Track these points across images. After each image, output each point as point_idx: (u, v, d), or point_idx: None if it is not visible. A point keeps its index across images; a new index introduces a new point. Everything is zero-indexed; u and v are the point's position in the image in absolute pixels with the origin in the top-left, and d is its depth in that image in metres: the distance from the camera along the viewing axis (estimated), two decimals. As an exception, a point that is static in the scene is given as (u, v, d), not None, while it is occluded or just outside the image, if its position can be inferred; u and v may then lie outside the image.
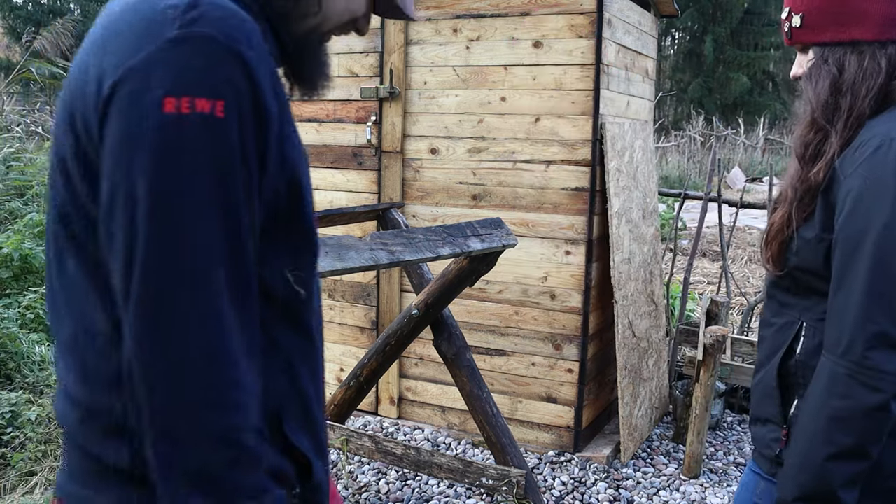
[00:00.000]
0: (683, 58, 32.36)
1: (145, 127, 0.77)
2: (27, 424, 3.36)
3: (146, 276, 0.78)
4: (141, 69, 0.78)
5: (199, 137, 0.78)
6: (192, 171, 0.78)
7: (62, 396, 0.95)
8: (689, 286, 4.01)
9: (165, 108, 0.77)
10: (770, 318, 1.44)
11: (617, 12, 3.17)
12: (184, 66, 0.78)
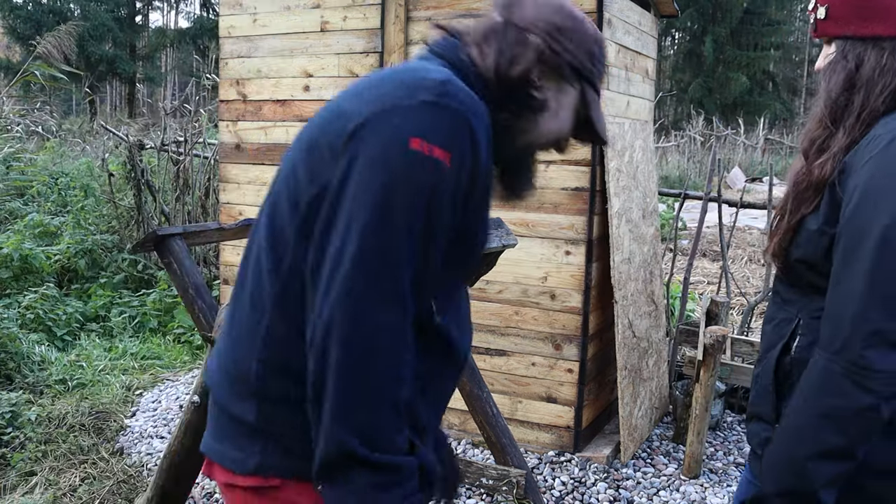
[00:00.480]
0: (683, 58, 32.35)
1: (391, 153, 1.03)
2: (27, 424, 3.36)
3: (354, 266, 1.02)
4: (396, 114, 1.05)
5: (430, 175, 1.03)
6: (415, 198, 1.03)
7: (216, 366, 1.23)
8: (689, 286, 4.01)
9: (412, 144, 1.02)
10: (772, 314, 1.42)
11: (617, 12, 3.17)
12: (431, 121, 1.04)
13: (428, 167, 1.02)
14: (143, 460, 3.26)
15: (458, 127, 1.05)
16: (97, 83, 24.26)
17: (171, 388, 4.02)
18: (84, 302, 5.26)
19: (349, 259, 1.02)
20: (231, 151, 3.83)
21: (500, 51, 1.18)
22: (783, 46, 33.10)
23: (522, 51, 1.18)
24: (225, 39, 3.78)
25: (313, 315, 1.06)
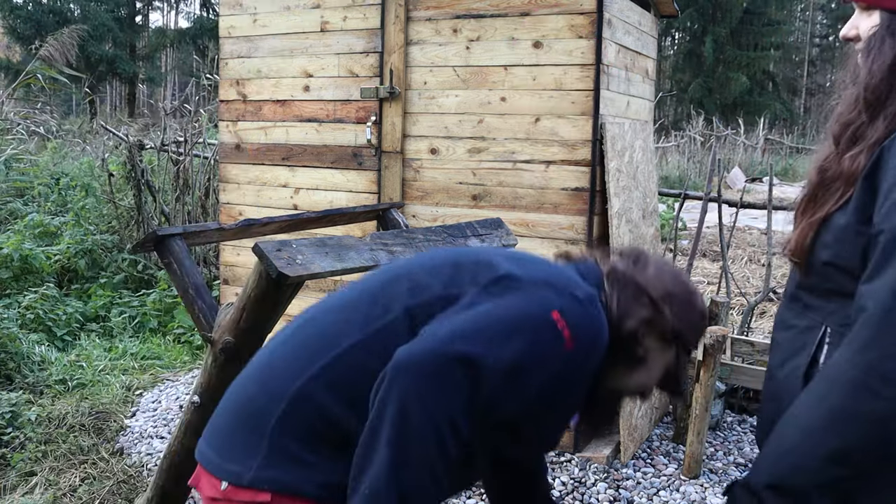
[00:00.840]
0: (683, 58, 32.35)
1: (532, 317, 1.24)
2: (27, 424, 3.36)
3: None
4: (549, 289, 1.27)
5: (552, 343, 1.22)
6: (546, 365, 1.23)
7: (260, 379, 1.36)
8: (689, 286, 4.01)
9: (554, 314, 1.23)
10: (790, 320, 1.29)
11: (617, 12, 3.17)
12: (574, 310, 1.24)
13: (558, 342, 1.21)
14: (143, 460, 3.26)
15: (590, 328, 1.24)
16: (97, 83, 24.26)
17: (171, 389, 4.02)
18: (84, 302, 5.26)
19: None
20: (231, 151, 3.83)
21: (619, 301, 1.32)
22: (783, 46, 33.10)
23: (636, 309, 1.32)
24: (225, 39, 3.78)
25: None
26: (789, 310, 1.32)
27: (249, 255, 3.83)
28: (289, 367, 1.29)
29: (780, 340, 1.32)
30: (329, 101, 3.55)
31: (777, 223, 4.32)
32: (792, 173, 19.87)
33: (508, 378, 1.19)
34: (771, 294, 6.04)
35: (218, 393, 2.02)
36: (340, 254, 1.81)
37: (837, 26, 40.58)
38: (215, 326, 2.02)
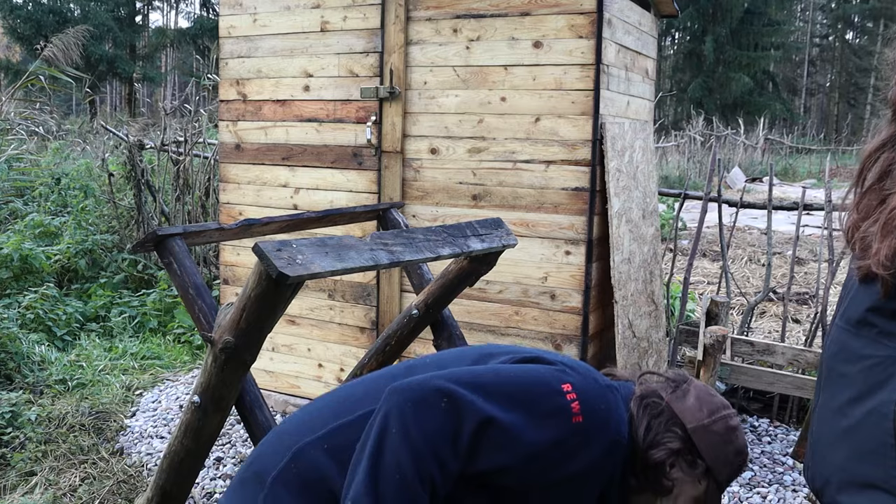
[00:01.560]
0: (683, 58, 32.34)
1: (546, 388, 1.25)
2: (27, 424, 3.36)
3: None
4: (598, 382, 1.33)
5: (563, 416, 1.22)
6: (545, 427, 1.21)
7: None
8: (689, 286, 4.01)
9: (565, 386, 1.23)
10: (860, 350, 1.10)
11: (617, 12, 3.17)
12: (597, 394, 1.26)
13: (560, 404, 1.20)
14: (143, 460, 3.26)
15: (604, 413, 1.23)
16: (97, 83, 24.26)
17: (171, 389, 4.02)
18: (84, 302, 5.26)
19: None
20: (231, 151, 3.83)
21: (648, 427, 1.28)
22: (783, 46, 33.09)
23: (668, 439, 1.28)
24: (225, 39, 3.78)
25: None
26: (858, 337, 1.11)
27: (249, 255, 3.83)
28: (304, 424, 1.35)
29: (846, 373, 1.12)
30: (329, 100, 3.55)
31: (777, 223, 4.31)
32: (792, 173, 19.87)
33: (497, 428, 1.18)
34: (771, 294, 6.03)
35: (218, 393, 2.02)
36: (340, 254, 1.81)
37: (838, 26, 40.58)
38: (215, 326, 2.02)
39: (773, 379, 3.44)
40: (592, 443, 1.23)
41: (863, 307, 1.10)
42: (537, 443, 1.20)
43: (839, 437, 1.11)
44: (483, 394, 1.18)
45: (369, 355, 2.82)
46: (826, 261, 4.01)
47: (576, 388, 1.21)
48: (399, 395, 1.17)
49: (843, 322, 1.16)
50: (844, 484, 1.09)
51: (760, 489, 3.13)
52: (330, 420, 1.32)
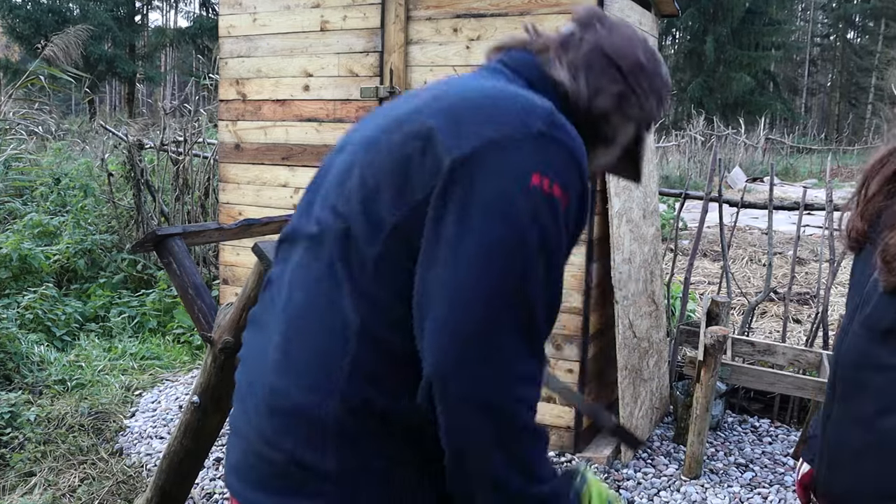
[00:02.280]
0: (684, 57, 32.34)
1: (512, 189, 0.94)
2: (26, 425, 3.35)
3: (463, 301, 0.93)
4: (509, 146, 0.96)
5: (548, 213, 0.95)
6: (533, 236, 0.95)
7: (261, 406, 1.09)
8: (689, 286, 4.01)
9: (533, 180, 0.95)
10: (885, 359, 1.09)
11: (617, 12, 3.16)
12: (549, 157, 0.97)
13: (547, 206, 0.96)
14: (142, 461, 3.26)
15: (573, 166, 1.00)
16: (97, 83, 24.27)
17: (170, 389, 4.02)
18: (83, 302, 5.25)
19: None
20: (231, 151, 3.83)
21: (588, 79, 1.13)
22: (784, 46, 33.09)
23: (609, 85, 1.13)
24: (225, 39, 3.78)
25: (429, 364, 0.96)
26: (883, 345, 1.09)
27: (249, 255, 3.82)
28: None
29: (871, 383, 1.11)
30: (329, 100, 3.54)
31: (778, 223, 4.30)
32: (793, 173, 19.88)
33: (542, 285, 0.98)
34: (771, 294, 6.03)
35: (218, 393, 2.01)
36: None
37: (839, 25, 40.59)
38: (215, 326, 2.02)
39: (774, 379, 3.43)
40: (586, 201, 1.05)
41: (890, 316, 1.09)
42: (554, 251, 1.01)
43: (864, 449, 1.10)
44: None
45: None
46: (827, 261, 4.00)
47: (542, 170, 0.96)
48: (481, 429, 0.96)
49: (862, 329, 1.14)
50: (871, 496, 1.09)
51: (761, 489, 3.13)
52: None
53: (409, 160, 1.00)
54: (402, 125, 1.04)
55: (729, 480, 3.21)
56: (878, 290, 1.11)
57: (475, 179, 0.95)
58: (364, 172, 1.04)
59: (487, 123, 0.98)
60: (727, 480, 3.21)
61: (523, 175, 0.95)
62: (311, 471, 1.01)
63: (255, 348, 1.13)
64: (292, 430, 1.02)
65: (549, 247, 0.97)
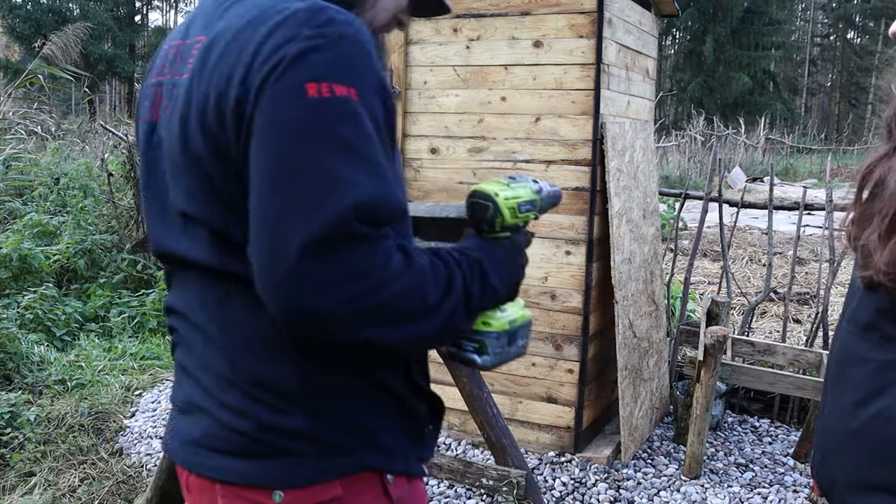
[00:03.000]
0: (684, 57, 32.34)
1: (292, 106, 0.89)
2: (26, 425, 3.35)
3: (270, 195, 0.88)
4: (287, 61, 0.90)
5: (343, 114, 0.89)
6: (328, 140, 0.89)
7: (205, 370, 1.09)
8: (689, 286, 4.01)
9: (309, 92, 0.88)
10: (865, 353, 1.13)
11: (617, 12, 3.16)
12: (325, 59, 0.90)
13: (332, 109, 0.89)
14: (142, 461, 3.25)
15: (354, 54, 0.92)
16: (97, 82, 24.25)
17: (170, 389, 4.01)
18: (83, 302, 5.25)
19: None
20: (230, 151, 3.82)
21: None
22: (784, 46, 33.09)
23: None
24: (224, 39, 3.77)
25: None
26: (863, 340, 1.14)
27: (249, 255, 3.81)
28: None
29: (852, 376, 1.15)
30: (329, 100, 3.54)
31: (778, 223, 4.30)
32: (793, 173, 19.87)
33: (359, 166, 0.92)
34: (771, 294, 6.03)
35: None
36: (340, 254, 1.80)
37: (839, 25, 40.58)
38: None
39: (774, 379, 3.43)
40: (384, 81, 0.98)
41: (868, 312, 1.13)
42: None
43: (847, 440, 1.14)
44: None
45: (369, 356, 2.81)
46: (827, 261, 4.00)
47: (319, 78, 0.90)
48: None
49: (849, 325, 1.18)
50: (852, 486, 1.12)
51: (761, 490, 3.13)
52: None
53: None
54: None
55: (729, 480, 3.21)
56: (861, 288, 1.15)
57: (257, 109, 0.91)
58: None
59: (264, 43, 0.93)
60: (727, 480, 3.21)
61: (298, 90, 0.89)
62: (280, 431, 1.01)
63: (189, 328, 1.12)
64: (257, 398, 1.02)
65: (351, 143, 0.89)
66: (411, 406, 1.10)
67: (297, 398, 1.01)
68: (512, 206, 1.11)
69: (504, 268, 1.08)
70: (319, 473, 1.02)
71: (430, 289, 0.95)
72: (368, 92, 0.92)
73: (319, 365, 1.01)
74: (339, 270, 0.87)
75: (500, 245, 1.10)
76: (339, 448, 1.03)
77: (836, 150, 25.20)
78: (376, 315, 0.90)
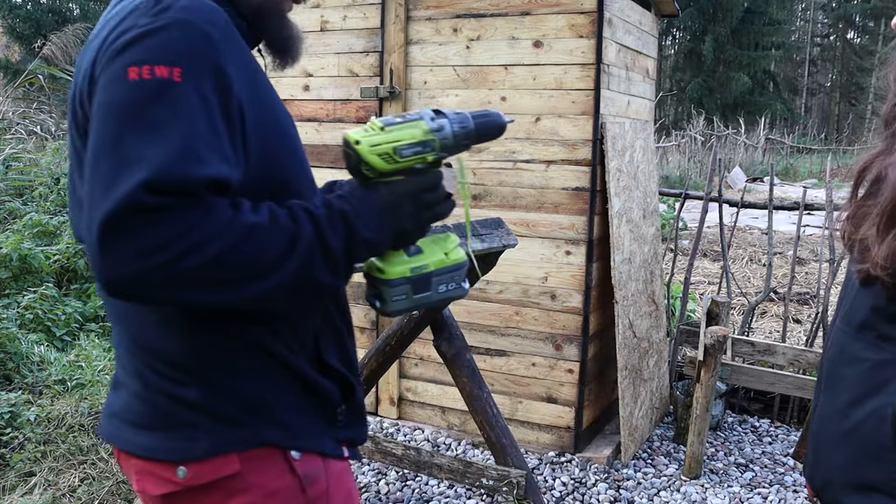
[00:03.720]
0: (684, 57, 32.32)
1: (112, 89, 0.93)
2: (26, 425, 3.35)
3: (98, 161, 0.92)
4: (119, 48, 0.95)
5: (159, 93, 0.92)
6: (133, 119, 0.91)
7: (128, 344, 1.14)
8: (689, 286, 4.01)
9: (130, 75, 0.92)
10: (859, 352, 1.12)
11: (617, 12, 3.16)
12: (152, 43, 0.94)
13: (150, 90, 0.91)
14: (142, 461, 3.25)
15: (183, 37, 0.95)
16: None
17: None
18: (83, 302, 5.25)
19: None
20: (231, 151, 3.82)
21: None
22: (784, 46, 33.08)
23: None
24: (224, 39, 3.77)
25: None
26: (857, 339, 1.13)
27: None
28: None
29: (845, 375, 1.14)
30: (329, 100, 3.54)
31: (778, 223, 4.30)
32: (793, 173, 19.87)
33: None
34: (771, 294, 6.03)
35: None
36: (340, 254, 1.80)
37: (839, 25, 40.58)
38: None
39: (774, 379, 3.43)
40: (223, 57, 1.00)
41: (863, 310, 1.12)
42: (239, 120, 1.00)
43: (840, 439, 1.13)
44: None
45: (369, 355, 2.82)
46: (827, 261, 4.00)
47: (141, 63, 0.94)
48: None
49: (843, 324, 1.17)
50: (845, 486, 1.12)
51: (761, 490, 3.13)
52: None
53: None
54: None
55: (729, 480, 3.21)
56: (856, 287, 1.14)
57: (94, 94, 0.96)
58: None
59: (112, 32, 0.99)
60: (727, 480, 3.21)
61: (121, 77, 0.93)
62: (179, 402, 1.05)
63: (109, 307, 1.17)
64: (156, 369, 1.07)
65: (158, 120, 0.91)
66: (318, 385, 1.10)
67: (190, 369, 1.05)
68: (384, 152, 1.02)
69: (387, 216, 1.03)
70: (215, 446, 1.04)
71: (265, 246, 0.94)
72: (198, 73, 0.94)
73: (206, 335, 1.04)
74: (138, 242, 0.88)
75: (381, 192, 1.03)
76: (234, 421, 1.05)
77: (836, 150, 25.20)
78: (196, 278, 0.91)
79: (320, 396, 1.11)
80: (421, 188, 1.05)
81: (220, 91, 0.96)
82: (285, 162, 1.07)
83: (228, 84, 0.97)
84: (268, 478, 1.06)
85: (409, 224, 1.06)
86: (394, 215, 1.04)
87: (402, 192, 1.04)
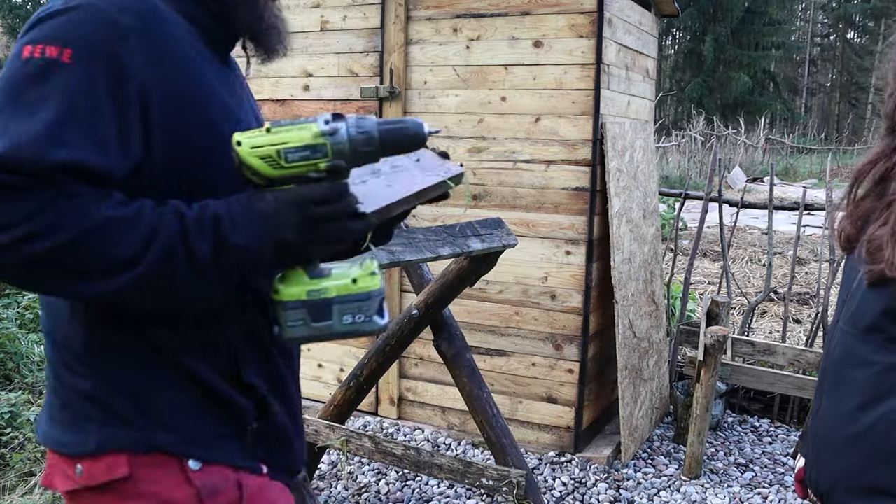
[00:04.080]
0: (684, 57, 32.33)
1: (7, 67, 0.95)
2: (26, 425, 3.35)
3: None
4: (27, 27, 0.97)
5: (42, 72, 0.92)
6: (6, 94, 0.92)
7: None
8: (689, 286, 4.01)
9: (23, 53, 0.94)
10: (868, 355, 1.10)
11: (617, 12, 3.16)
12: (51, 25, 0.95)
13: (37, 66, 0.92)
14: (142, 461, 3.25)
15: (83, 22, 0.94)
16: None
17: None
18: (84, 302, 5.25)
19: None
20: (231, 151, 3.82)
21: None
22: (784, 46, 33.09)
23: None
24: (224, 39, 3.77)
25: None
26: (865, 342, 1.11)
27: (249, 255, 3.82)
28: None
29: (853, 378, 1.12)
30: (329, 100, 3.54)
31: (778, 223, 4.30)
32: (793, 173, 19.87)
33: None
34: (772, 294, 6.03)
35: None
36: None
37: (839, 25, 40.58)
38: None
39: (774, 379, 3.43)
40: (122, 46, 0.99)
41: (872, 312, 1.09)
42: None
43: (847, 443, 1.12)
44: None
45: (369, 355, 2.82)
46: (827, 261, 4.00)
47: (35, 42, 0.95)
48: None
49: (848, 326, 1.15)
50: (853, 489, 1.11)
51: (761, 490, 3.13)
52: None
53: None
54: None
55: (729, 480, 3.21)
56: (863, 288, 1.12)
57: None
58: None
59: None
60: (727, 480, 3.21)
61: (17, 54, 0.95)
62: (77, 392, 1.05)
63: (42, 303, 1.18)
64: (62, 360, 1.07)
65: (31, 98, 0.91)
66: (230, 399, 1.07)
67: (88, 361, 1.04)
68: (267, 155, 0.94)
69: (266, 225, 0.95)
70: (104, 441, 1.03)
71: (121, 239, 0.91)
72: (90, 57, 0.93)
73: (106, 331, 1.03)
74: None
75: (266, 200, 0.96)
76: (126, 420, 1.03)
77: (836, 150, 25.20)
78: (51, 265, 0.89)
79: (231, 411, 1.08)
80: (309, 199, 0.95)
81: (114, 78, 0.94)
82: (209, 160, 1.03)
83: (126, 72, 0.95)
84: (163, 487, 1.04)
85: (291, 236, 0.95)
86: (274, 225, 0.95)
87: (287, 200, 0.95)
